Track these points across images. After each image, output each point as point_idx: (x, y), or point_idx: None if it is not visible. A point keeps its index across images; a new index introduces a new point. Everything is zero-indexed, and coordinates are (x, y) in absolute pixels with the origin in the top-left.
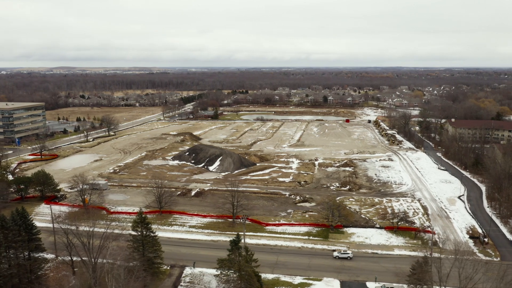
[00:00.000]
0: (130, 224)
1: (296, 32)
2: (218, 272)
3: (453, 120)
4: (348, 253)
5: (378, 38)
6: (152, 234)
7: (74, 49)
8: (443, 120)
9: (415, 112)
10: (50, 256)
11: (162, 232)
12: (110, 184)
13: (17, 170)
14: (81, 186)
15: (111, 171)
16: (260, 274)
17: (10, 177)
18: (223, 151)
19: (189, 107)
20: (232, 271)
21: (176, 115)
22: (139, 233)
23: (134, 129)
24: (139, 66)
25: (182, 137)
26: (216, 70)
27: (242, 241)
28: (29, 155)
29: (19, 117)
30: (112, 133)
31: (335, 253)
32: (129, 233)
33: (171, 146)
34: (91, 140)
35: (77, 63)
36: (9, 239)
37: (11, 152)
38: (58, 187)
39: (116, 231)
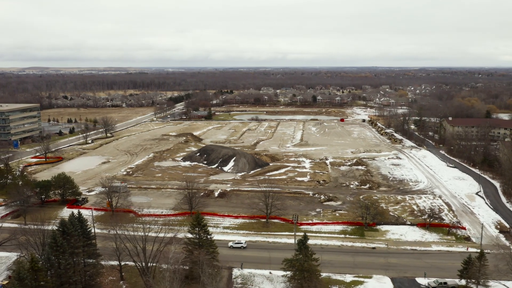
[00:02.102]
0: (163, 227)
1: (273, 32)
2: (286, 273)
3: (450, 118)
4: (242, 243)
5: (353, 39)
6: (209, 236)
7: (47, 49)
8: (438, 119)
9: (402, 111)
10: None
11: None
12: (128, 186)
13: (25, 173)
14: (107, 189)
15: (124, 173)
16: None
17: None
18: (236, 151)
19: (179, 107)
20: (299, 271)
21: (168, 116)
22: (196, 235)
23: (130, 130)
24: (115, 66)
25: (184, 138)
26: (193, 70)
27: (285, 241)
28: (32, 157)
29: (15, 119)
30: (109, 135)
31: (230, 243)
32: (185, 236)
33: (177, 147)
34: (90, 141)
35: (50, 63)
36: (71, 244)
37: (10, 155)
38: (79, 190)
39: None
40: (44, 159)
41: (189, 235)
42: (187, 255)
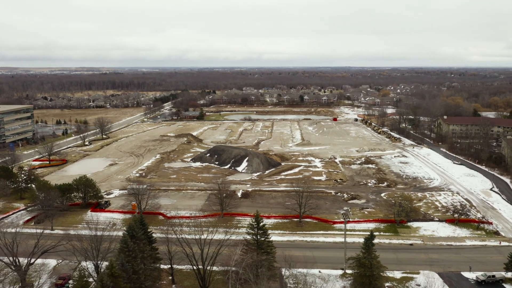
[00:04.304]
0: (193, 229)
1: (248, 32)
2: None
3: (445, 117)
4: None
5: (327, 39)
6: (267, 238)
7: (16, 48)
8: (431, 118)
9: (391, 110)
10: None
11: (234, 235)
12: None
13: (32, 177)
14: (135, 191)
15: (137, 175)
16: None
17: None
18: (248, 151)
19: (166, 108)
20: (368, 269)
21: (159, 117)
22: (254, 237)
23: (124, 131)
24: (87, 66)
25: (186, 138)
26: (168, 70)
27: (323, 240)
28: (34, 160)
29: (9, 121)
30: (105, 136)
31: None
32: (244, 238)
33: (181, 148)
34: (87, 143)
35: (19, 63)
36: (140, 249)
37: (8, 158)
38: (100, 194)
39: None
40: (48, 162)
41: (247, 237)
42: (247, 257)
